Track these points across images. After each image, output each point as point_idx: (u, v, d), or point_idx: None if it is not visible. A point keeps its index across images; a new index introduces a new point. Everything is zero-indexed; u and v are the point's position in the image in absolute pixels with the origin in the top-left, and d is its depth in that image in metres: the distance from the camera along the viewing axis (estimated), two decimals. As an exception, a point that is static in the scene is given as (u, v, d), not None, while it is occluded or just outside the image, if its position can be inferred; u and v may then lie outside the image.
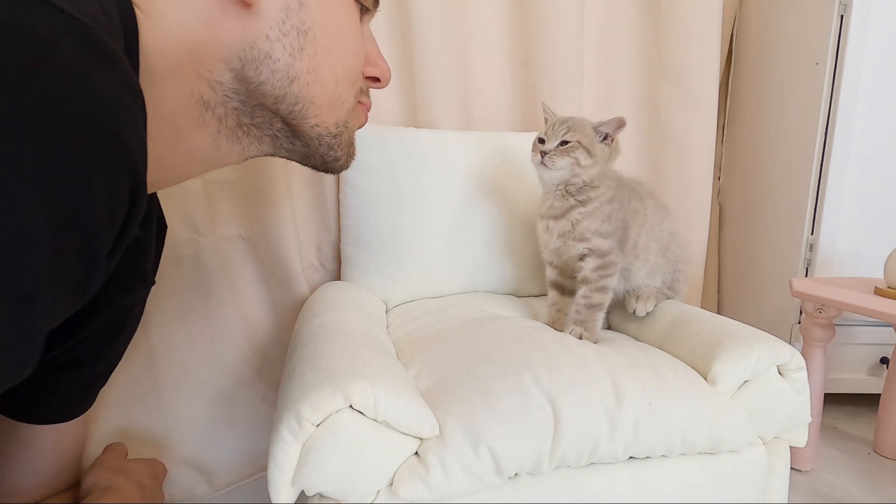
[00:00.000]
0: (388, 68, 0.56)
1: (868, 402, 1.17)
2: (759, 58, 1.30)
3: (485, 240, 0.99)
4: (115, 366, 0.65)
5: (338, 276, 1.05)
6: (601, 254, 0.76)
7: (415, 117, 1.09)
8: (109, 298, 0.55)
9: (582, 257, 0.77)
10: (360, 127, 0.56)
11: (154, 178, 0.37)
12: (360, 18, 0.52)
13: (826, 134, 1.10)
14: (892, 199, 1.11)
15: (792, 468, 0.71)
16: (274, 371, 0.96)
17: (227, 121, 0.45)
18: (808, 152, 1.12)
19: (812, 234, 1.13)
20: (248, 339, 0.95)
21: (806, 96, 1.13)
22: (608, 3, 1.22)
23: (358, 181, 0.96)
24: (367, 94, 0.56)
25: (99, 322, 0.56)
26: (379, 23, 1.03)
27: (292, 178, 0.97)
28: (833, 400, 1.19)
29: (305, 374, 0.55)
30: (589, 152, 0.75)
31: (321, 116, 0.48)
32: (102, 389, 0.80)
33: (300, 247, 1.00)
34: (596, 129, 0.77)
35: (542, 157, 0.75)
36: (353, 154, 0.56)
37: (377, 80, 0.56)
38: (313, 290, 0.98)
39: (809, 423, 0.68)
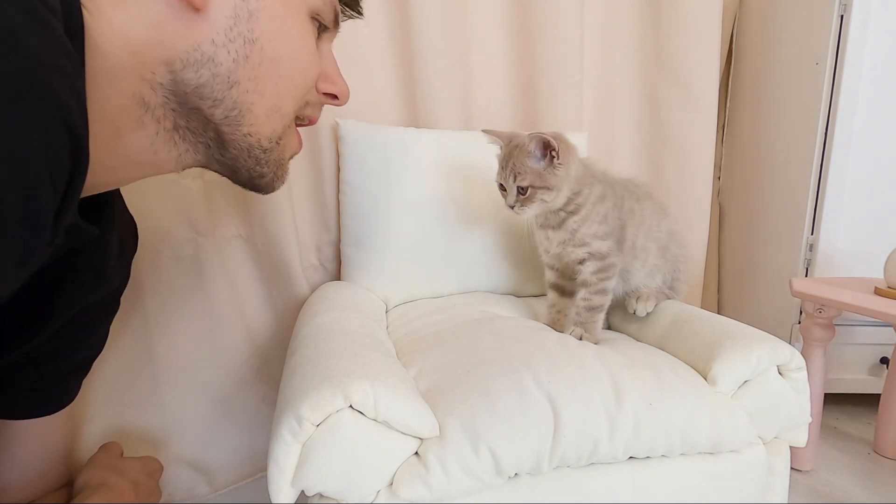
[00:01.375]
0: (347, 87, 0.57)
1: (868, 402, 1.17)
2: (759, 58, 1.30)
3: (485, 240, 0.99)
4: (94, 358, 0.65)
5: (338, 276, 1.05)
6: (601, 256, 0.76)
7: (415, 117, 1.09)
8: (71, 297, 0.55)
9: (581, 261, 0.77)
10: (293, 153, 0.56)
11: (92, 179, 0.37)
12: (319, 37, 0.53)
13: (826, 134, 1.10)
14: (892, 199, 1.11)
15: (792, 468, 0.71)
16: (274, 371, 0.96)
17: (165, 122, 0.45)
18: (808, 152, 1.12)
19: (812, 234, 1.13)
20: (248, 339, 0.95)
21: (806, 96, 1.13)
22: (608, 3, 1.22)
23: (358, 181, 0.96)
24: (318, 108, 0.57)
25: (63, 319, 0.56)
26: (379, 23, 1.03)
27: (292, 178, 0.97)
28: (833, 400, 1.19)
29: (305, 374, 0.55)
30: (547, 188, 0.72)
31: (256, 126, 0.48)
32: (102, 389, 0.80)
33: (300, 247, 1.00)
34: (530, 156, 0.72)
35: (511, 208, 0.74)
36: (282, 177, 0.55)
37: (335, 97, 0.56)
38: (313, 290, 0.98)
39: (809, 423, 0.68)
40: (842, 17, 1.06)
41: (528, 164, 0.72)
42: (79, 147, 0.32)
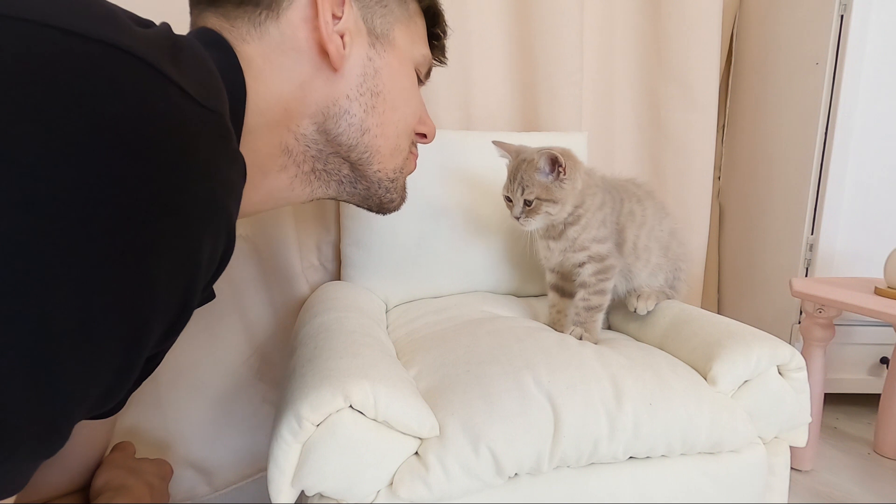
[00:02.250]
0: (434, 127, 0.66)
1: (868, 402, 1.17)
2: (759, 58, 1.30)
3: (485, 240, 0.99)
4: (154, 369, 0.66)
5: (338, 276, 1.05)
6: (599, 258, 0.76)
7: (415, 117, 1.09)
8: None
9: (581, 264, 0.77)
10: (410, 173, 0.64)
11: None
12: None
13: (826, 134, 1.10)
14: (892, 199, 1.11)
15: (792, 468, 0.71)
16: (274, 371, 0.96)
17: (304, 166, 0.52)
18: (808, 152, 1.12)
19: (812, 234, 1.13)
20: (248, 339, 0.95)
21: (806, 96, 1.13)
22: (608, 3, 1.22)
23: (358, 181, 0.96)
24: (416, 146, 0.65)
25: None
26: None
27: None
28: (833, 400, 1.19)
29: (305, 374, 0.55)
30: (553, 202, 0.73)
31: (384, 163, 0.56)
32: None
33: (300, 247, 1.00)
34: (538, 170, 0.73)
35: (517, 220, 0.76)
36: (405, 197, 0.65)
37: (424, 136, 0.65)
38: (313, 290, 0.98)
39: (809, 423, 0.68)
40: (842, 17, 1.06)
41: (536, 177, 0.73)
42: (230, 247, 0.38)
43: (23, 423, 0.26)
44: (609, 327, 0.87)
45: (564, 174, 0.73)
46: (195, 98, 0.33)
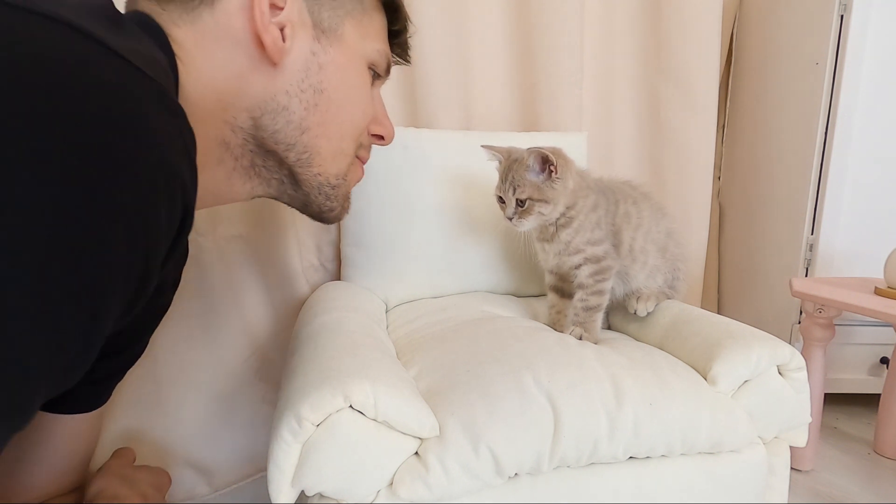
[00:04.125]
0: (393, 128, 0.63)
1: (868, 402, 1.17)
2: (759, 58, 1.30)
3: (484, 240, 0.99)
4: (134, 362, 0.65)
5: (338, 276, 1.05)
6: (596, 259, 0.76)
7: (415, 117, 1.09)
8: (138, 317, 0.57)
9: (578, 266, 0.77)
10: (356, 182, 0.61)
11: None
12: (372, 83, 0.58)
13: (826, 134, 1.10)
14: (892, 199, 1.11)
15: (792, 468, 0.71)
16: (274, 371, 0.96)
17: (242, 160, 0.50)
18: (808, 152, 1.12)
19: (812, 234, 1.13)
20: (248, 339, 0.95)
21: (806, 96, 1.13)
22: (608, 3, 1.22)
23: (358, 181, 0.96)
24: (368, 150, 0.62)
25: (118, 328, 0.58)
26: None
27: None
28: (833, 400, 1.19)
29: (305, 374, 0.55)
30: (545, 202, 0.73)
31: (324, 166, 0.54)
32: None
33: (300, 247, 0.99)
34: (528, 170, 0.73)
35: (510, 220, 0.75)
36: (348, 207, 0.61)
37: (381, 137, 0.62)
38: (313, 290, 0.97)
39: (809, 423, 0.68)
40: (842, 17, 1.06)
41: (527, 177, 0.73)
42: (187, 213, 0.37)
43: None
44: (609, 327, 0.87)
45: (556, 173, 0.72)
46: (138, 67, 0.33)
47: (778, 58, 1.23)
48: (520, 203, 0.74)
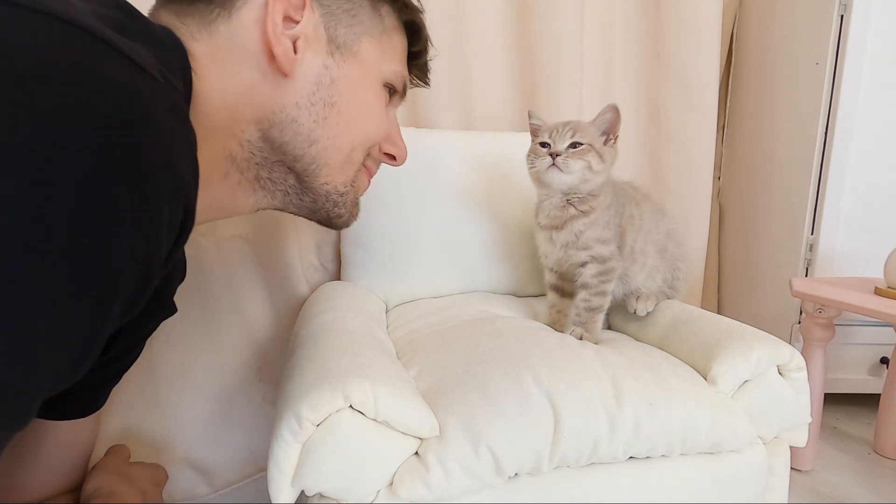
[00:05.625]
0: (406, 150, 0.63)
1: (868, 402, 1.17)
2: (759, 58, 1.30)
3: (485, 239, 0.99)
4: (129, 367, 0.65)
5: (338, 276, 1.05)
6: (602, 259, 0.76)
7: (415, 117, 1.09)
8: (137, 326, 0.57)
9: (583, 264, 0.77)
10: (363, 190, 0.61)
11: None
12: (389, 101, 0.58)
13: (826, 134, 1.10)
14: (892, 199, 1.11)
15: (792, 468, 0.71)
16: (274, 371, 0.96)
17: (248, 174, 0.50)
18: (808, 152, 1.12)
19: (812, 234, 1.13)
20: (248, 339, 0.95)
21: (806, 96, 1.13)
22: (608, 3, 1.22)
23: (358, 181, 0.96)
24: (377, 164, 0.62)
25: (126, 344, 0.59)
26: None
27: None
28: (833, 400, 1.19)
29: (305, 374, 0.55)
30: (601, 157, 0.72)
31: (332, 176, 0.54)
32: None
33: (300, 246, 0.99)
34: (594, 124, 0.74)
35: (553, 158, 0.70)
36: (357, 214, 0.61)
37: (394, 158, 0.63)
38: (313, 290, 0.97)
39: (809, 423, 0.68)
40: (842, 17, 1.06)
41: (591, 129, 0.72)
42: (189, 215, 0.37)
43: None
44: (609, 327, 0.87)
45: (614, 142, 0.72)
46: (145, 68, 0.33)
47: (778, 58, 1.23)
48: (574, 145, 0.71)
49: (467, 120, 1.13)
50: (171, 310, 0.64)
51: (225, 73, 0.45)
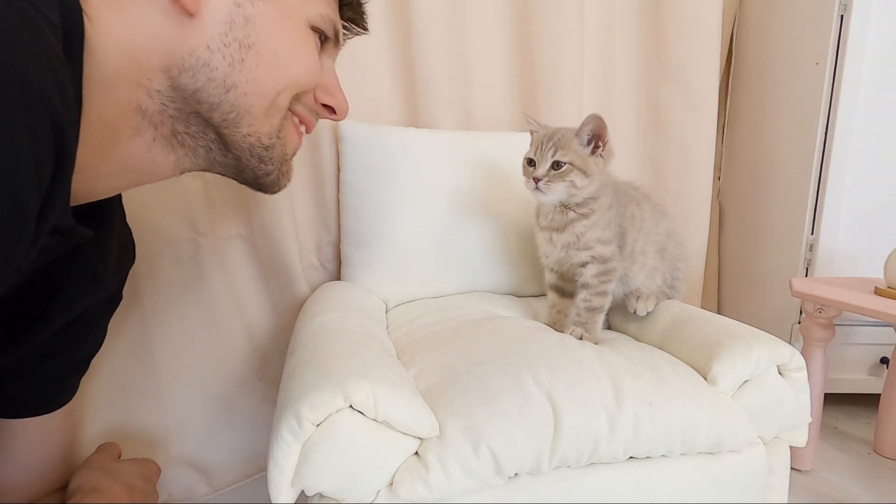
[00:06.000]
0: (346, 103, 0.58)
1: (868, 402, 1.17)
2: (759, 58, 1.30)
3: (485, 240, 0.99)
4: (93, 356, 0.65)
5: (338, 276, 1.05)
6: (603, 260, 0.76)
7: (415, 117, 1.09)
8: (69, 300, 0.55)
9: (584, 264, 0.77)
10: (295, 149, 0.56)
11: (89, 186, 0.38)
12: (322, 49, 0.54)
13: (826, 134, 1.10)
14: (892, 199, 1.11)
15: (792, 468, 0.71)
16: (274, 371, 0.96)
17: (162, 129, 0.46)
18: (808, 152, 1.12)
19: (812, 234, 1.13)
20: (248, 339, 0.95)
21: (806, 96, 1.13)
22: (608, 3, 1.22)
23: (358, 181, 0.96)
24: (314, 116, 0.57)
25: (62, 321, 0.56)
26: (379, 23, 1.03)
27: (293, 177, 0.98)
28: (833, 400, 1.19)
29: (305, 374, 0.55)
30: (584, 172, 0.71)
31: (255, 126, 0.49)
32: (102, 388, 0.80)
33: (300, 247, 1.00)
34: (578, 136, 0.72)
35: (536, 183, 0.71)
36: (287, 174, 0.56)
37: (333, 111, 0.57)
38: (313, 290, 0.98)
39: (809, 423, 0.68)
40: (842, 17, 1.06)
41: (574, 143, 0.70)
42: (63, 144, 0.33)
43: None
44: (609, 327, 0.87)
45: (602, 150, 0.70)
46: None
47: (778, 58, 1.23)
48: (555, 166, 0.70)
49: (467, 120, 1.13)
50: (109, 290, 0.61)
51: (122, 16, 0.41)
